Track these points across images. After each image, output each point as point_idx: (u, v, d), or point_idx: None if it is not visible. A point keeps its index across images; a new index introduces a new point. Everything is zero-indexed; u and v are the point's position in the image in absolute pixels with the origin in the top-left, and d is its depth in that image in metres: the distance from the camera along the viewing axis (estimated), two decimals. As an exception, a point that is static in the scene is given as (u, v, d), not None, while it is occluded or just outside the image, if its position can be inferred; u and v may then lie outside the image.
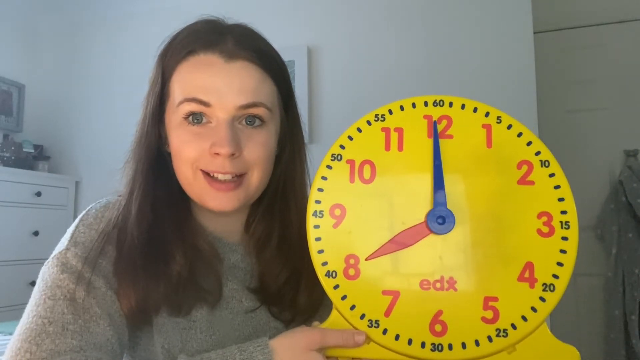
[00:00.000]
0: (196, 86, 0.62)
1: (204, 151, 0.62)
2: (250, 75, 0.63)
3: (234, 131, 0.62)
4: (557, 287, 0.50)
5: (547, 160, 0.54)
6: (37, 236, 2.53)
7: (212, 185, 0.63)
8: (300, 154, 0.73)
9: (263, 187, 0.68)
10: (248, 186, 0.65)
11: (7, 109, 2.82)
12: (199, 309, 0.63)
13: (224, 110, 0.62)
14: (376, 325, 0.51)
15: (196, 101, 0.62)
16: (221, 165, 0.62)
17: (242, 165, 0.63)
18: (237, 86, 0.62)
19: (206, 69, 0.63)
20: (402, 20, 2.42)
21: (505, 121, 0.56)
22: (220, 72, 0.62)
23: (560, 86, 2.54)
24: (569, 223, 0.52)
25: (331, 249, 0.53)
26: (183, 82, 0.64)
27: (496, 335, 0.50)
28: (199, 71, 0.63)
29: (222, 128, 0.62)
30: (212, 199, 0.64)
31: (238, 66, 0.63)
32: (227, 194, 0.64)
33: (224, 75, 0.62)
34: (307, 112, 2.45)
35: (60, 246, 0.62)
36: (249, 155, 0.64)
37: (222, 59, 0.63)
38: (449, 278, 0.52)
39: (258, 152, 0.64)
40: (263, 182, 0.67)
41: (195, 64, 0.63)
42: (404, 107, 0.57)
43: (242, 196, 0.65)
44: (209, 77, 0.62)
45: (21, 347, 0.53)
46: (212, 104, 0.62)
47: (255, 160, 0.64)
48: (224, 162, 0.62)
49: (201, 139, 0.62)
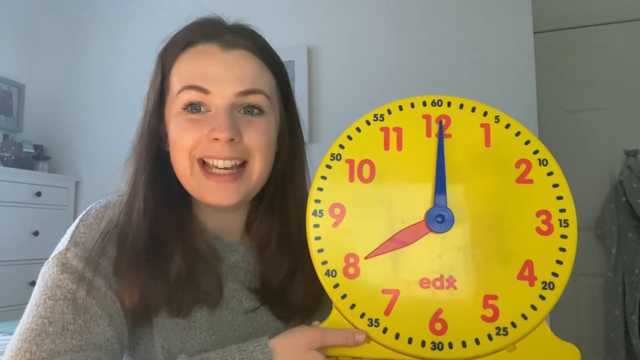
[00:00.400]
0: (195, 74, 0.63)
1: (202, 137, 0.62)
2: (249, 63, 0.64)
3: (233, 117, 0.62)
4: (556, 285, 0.50)
5: (545, 159, 0.54)
6: (37, 236, 2.53)
7: (209, 178, 0.63)
8: (299, 151, 0.73)
9: (264, 179, 0.67)
10: (249, 177, 0.64)
11: (7, 109, 2.82)
12: (199, 310, 0.63)
13: (223, 97, 0.62)
14: (376, 324, 0.51)
15: (195, 88, 0.62)
16: (220, 150, 0.62)
17: (242, 151, 0.63)
18: (235, 73, 0.63)
19: (205, 58, 0.63)
20: (402, 20, 2.42)
21: (503, 120, 0.56)
22: (218, 61, 0.63)
23: (560, 86, 2.54)
24: (567, 221, 0.52)
25: (331, 248, 0.53)
26: (182, 72, 0.64)
27: (496, 334, 0.50)
28: (198, 60, 0.64)
29: (220, 114, 0.62)
30: (211, 193, 0.63)
31: (236, 54, 0.64)
32: (226, 186, 0.63)
33: (222, 64, 0.63)
34: (307, 112, 2.45)
35: (60, 246, 0.62)
36: (249, 141, 0.63)
37: (220, 48, 0.64)
38: (448, 277, 0.52)
39: (258, 139, 0.64)
40: (264, 173, 0.66)
41: (194, 54, 0.64)
42: (402, 107, 0.57)
43: (243, 188, 0.64)
44: (208, 65, 0.63)
45: (21, 347, 0.53)
46: (210, 92, 0.62)
47: (256, 146, 0.64)
48: (223, 147, 0.62)
49: (200, 126, 0.62)
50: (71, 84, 2.98)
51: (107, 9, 2.95)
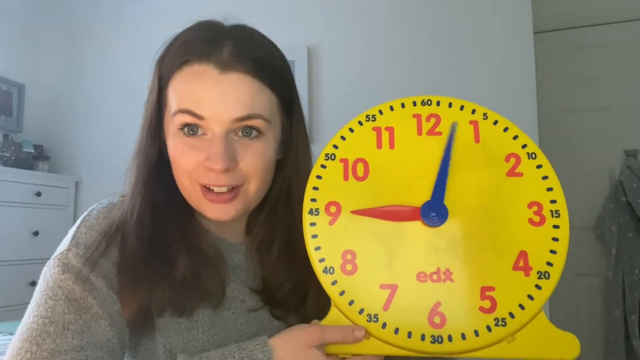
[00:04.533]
0: (190, 98, 0.61)
1: (199, 163, 0.62)
2: (246, 87, 0.61)
3: (228, 145, 0.61)
4: (551, 275, 0.51)
5: (533, 153, 0.55)
6: (37, 236, 2.53)
7: (207, 196, 0.63)
8: (305, 158, 0.71)
9: (262, 195, 0.67)
10: (245, 197, 0.64)
11: (7, 109, 2.82)
12: (201, 309, 0.63)
13: (219, 123, 0.60)
14: (375, 320, 0.52)
15: (189, 113, 0.61)
16: (215, 178, 0.61)
17: (238, 177, 0.63)
18: (232, 98, 0.60)
19: (200, 80, 0.61)
20: (402, 21, 2.43)
21: (491, 117, 0.57)
22: (214, 84, 0.60)
23: (560, 86, 2.54)
24: (559, 211, 0.53)
25: (328, 246, 0.54)
26: (177, 93, 0.62)
27: (495, 325, 0.50)
28: (193, 82, 0.61)
29: (216, 142, 0.60)
30: (209, 209, 0.64)
31: (233, 78, 0.61)
32: (225, 205, 0.63)
33: (218, 87, 0.60)
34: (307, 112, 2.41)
35: (61, 247, 0.62)
36: (246, 167, 0.63)
37: (216, 70, 0.61)
38: (445, 270, 0.52)
39: (254, 164, 0.63)
40: (261, 191, 0.66)
41: (190, 74, 0.62)
42: (393, 107, 0.59)
43: (240, 206, 0.64)
44: (203, 88, 0.60)
45: (22, 347, 0.53)
46: (205, 117, 0.60)
47: (252, 171, 0.63)
48: (219, 176, 0.61)
49: (196, 151, 0.62)
50: (71, 84, 2.99)
51: (107, 9, 2.95)
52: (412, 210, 0.54)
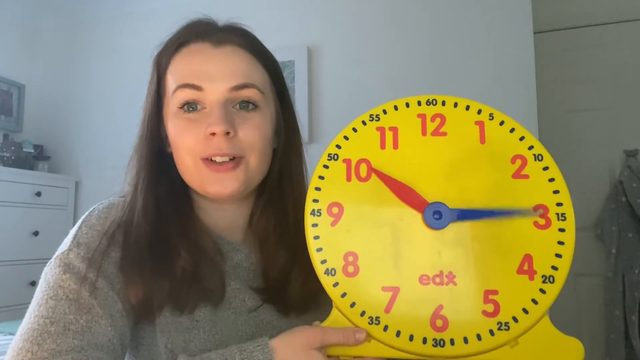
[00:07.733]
0: (188, 73, 0.64)
1: (201, 136, 0.63)
2: (241, 59, 0.66)
3: (227, 111, 0.64)
4: (556, 279, 0.50)
5: (540, 154, 0.54)
6: (37, 236, 2.53)
7: (210, 167, 0.64)
8: (296, 144, 0.74)
9: (263, 172, 0.69)
10: (246, 169, 0.65)
11: (7, 109, 2.82)
12: (202, 309, 0.63)
13: (216, 93, 0.64)
14: (377, 322, 0.51)
15: (189, 86, 0.64)
16: (218, 146, 0.63)
17: (238, 146, 0.64)
18: (228, 69, 0.64)
19: (197, 56, 0.65)
20: (402, 21, 2.42)
21: (497, 118, 0.56)
22: (210, 58, 0.65)
23: (560, 86, 2.54)
24: (565, 215, 0.52)
25: (330, 247, 0.53)
26: (176, 72, 0.66)
27: (498, 329, 0.50)
28: (191, 59, 0.65)
29: (215, 109, 0.63)
30: (212, 183, 0.64)
31: (228, 50, 0.65)
32: (226, 175, 0.64)
33: (214, 60, 0.65)
34: (307, 112, 2.45)
35: (62, 247, 0.63)
36: (245, 137, 0.64)
37: (212, 45, 0.65)
38: (448, 272, 0.51)
39: (253, 134, 0.65)
40: (262, 167, 0.68)
41: (187, 53, 0.66)
42: (397, 107, 0.58)
43: (242, 177, 0.65)
44: (200, 63, 0.65)
45: (23, 347, 0.53)
46: (204, 88, 0.63)
47: (252, 142, 0.65)
48: (220, 143, 0.62)
49: (197, 125, 0.64)
50: (71, 84, 2.98)
51: (107, 9, 2.95)
52: (421, 202, 0.53)
